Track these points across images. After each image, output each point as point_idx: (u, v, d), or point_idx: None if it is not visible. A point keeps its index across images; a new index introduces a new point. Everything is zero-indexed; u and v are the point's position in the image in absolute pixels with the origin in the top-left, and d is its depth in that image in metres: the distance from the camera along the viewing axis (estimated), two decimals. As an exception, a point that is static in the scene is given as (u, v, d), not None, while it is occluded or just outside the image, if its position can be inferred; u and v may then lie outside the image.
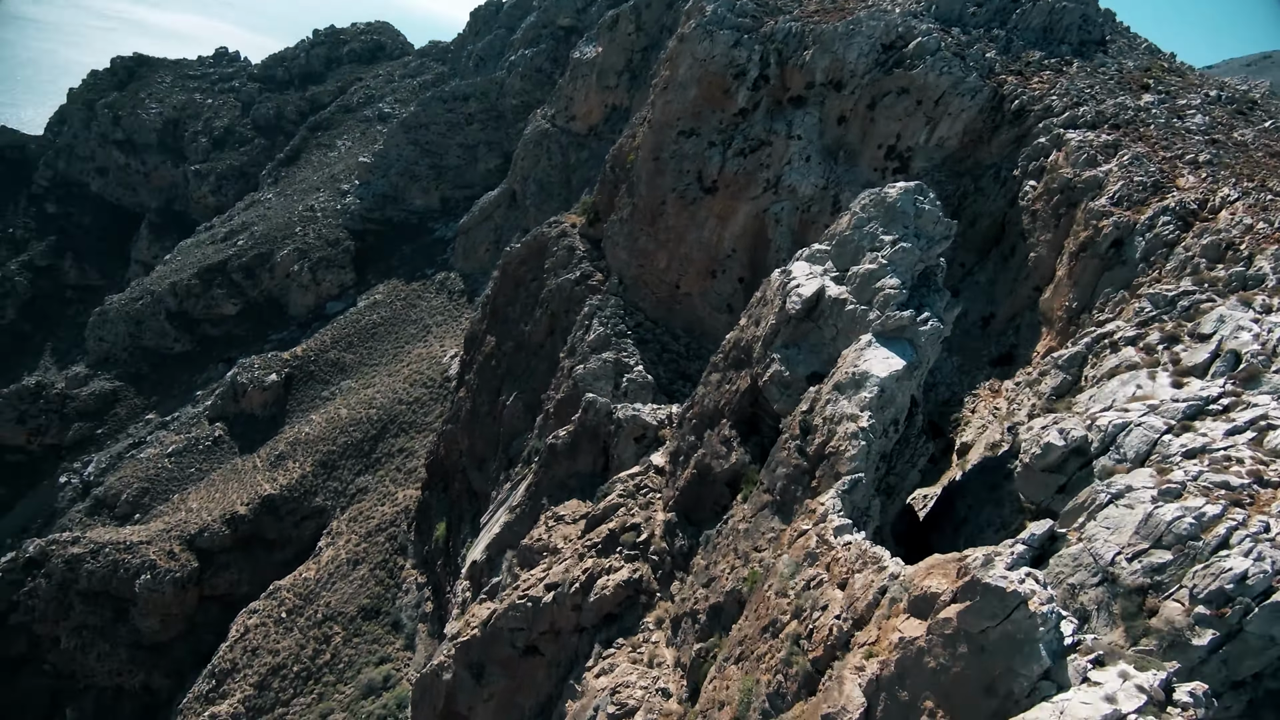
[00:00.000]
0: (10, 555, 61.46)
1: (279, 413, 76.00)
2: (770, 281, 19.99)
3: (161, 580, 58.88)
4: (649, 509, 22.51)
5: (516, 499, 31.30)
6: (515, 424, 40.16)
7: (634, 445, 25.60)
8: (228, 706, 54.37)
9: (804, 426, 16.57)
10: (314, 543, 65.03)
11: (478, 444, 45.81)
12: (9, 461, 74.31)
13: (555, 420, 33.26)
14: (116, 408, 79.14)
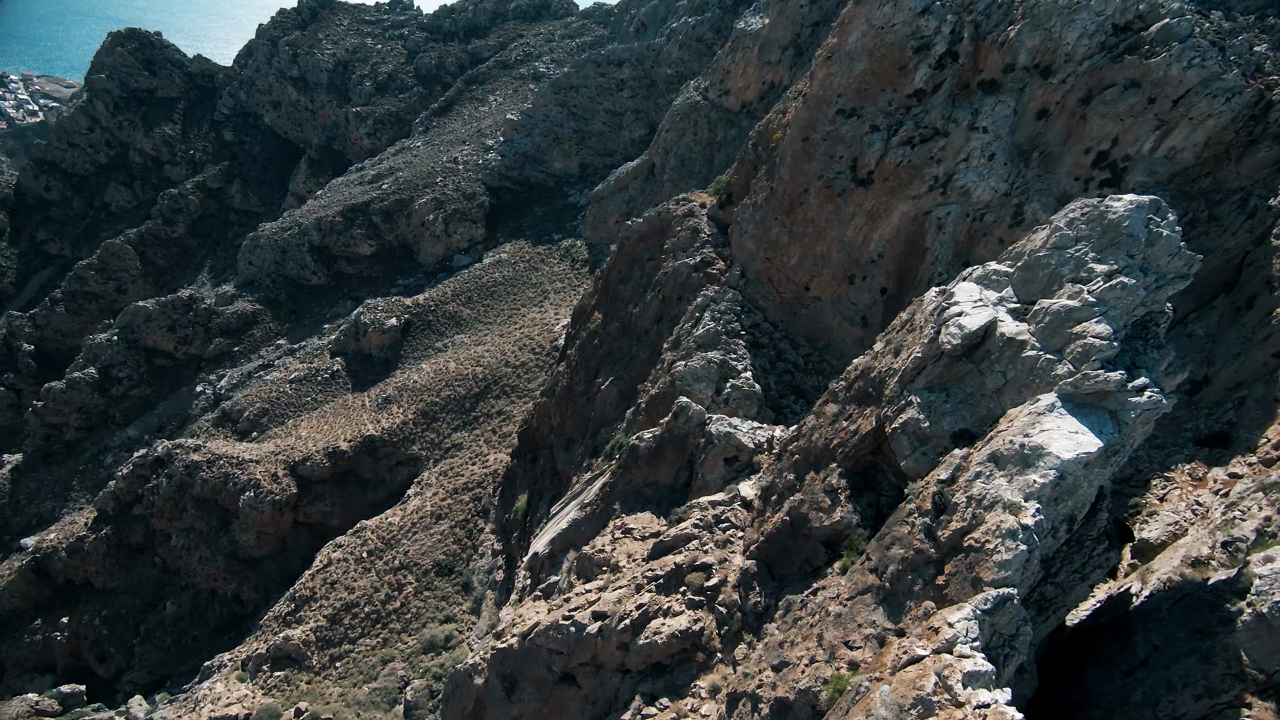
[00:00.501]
0: (143, 451, 67.70)
1: (393, 356, 78.84)
2: (922, 302, 16.01)
3: (263, 500, 62.60)
4: (726, 548, 19.32)
5: (590, 496, 28.99)
6: (606, 411, 37.94)
7: (723, 467, 22.38)
8: (300, 632, 57.13)
9: (939, 501, 12.76)
10: (404, 489, 66.99)
11: (568, 423, 44.18)
12: (157, 365, 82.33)
13: (645, 417, 30.57)
14: (254, 329, 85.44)
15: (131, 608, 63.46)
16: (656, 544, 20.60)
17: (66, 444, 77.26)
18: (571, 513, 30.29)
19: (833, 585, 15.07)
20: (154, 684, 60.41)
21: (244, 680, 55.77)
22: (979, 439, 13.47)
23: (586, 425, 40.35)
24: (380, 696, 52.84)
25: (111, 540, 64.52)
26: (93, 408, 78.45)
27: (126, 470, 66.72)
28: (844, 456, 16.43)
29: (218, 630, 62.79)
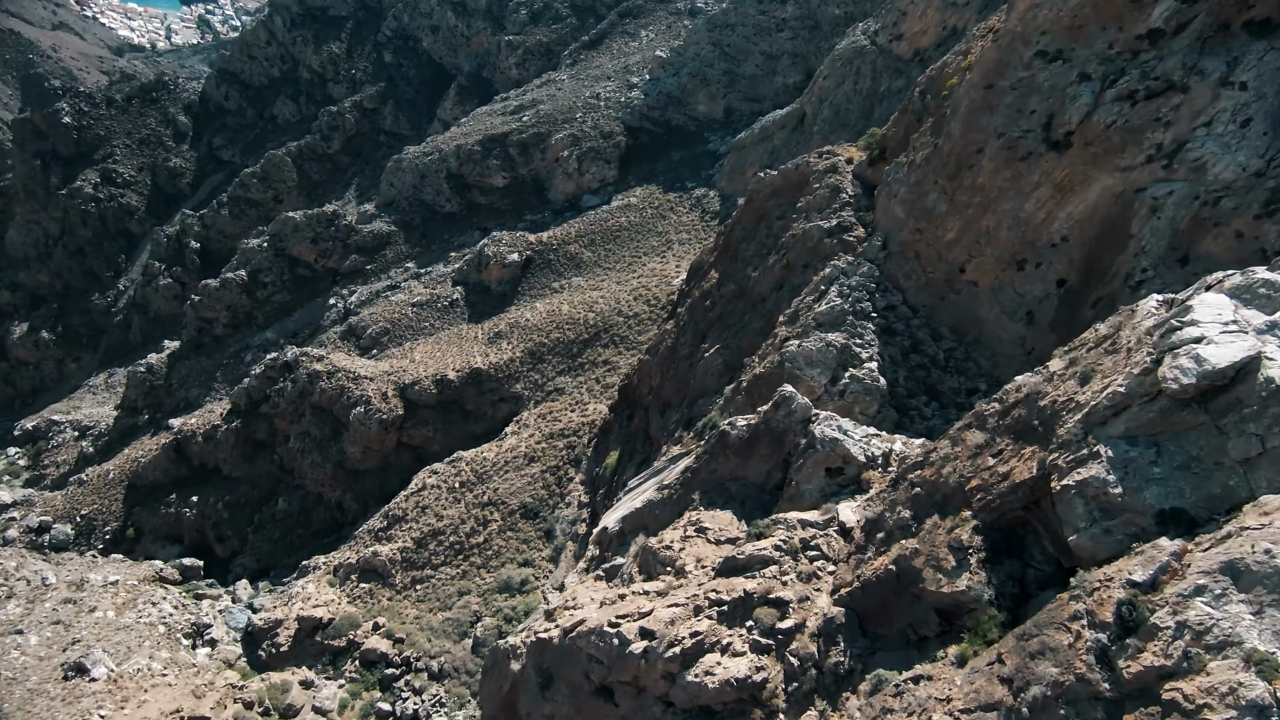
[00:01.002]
0: (274, 355, 72.20)
1: (510, 292, 79.03)
2: (1134, 313, 11.48)
3: (371, 416, 65.03)
4: (810, 583, 15.85)
5: (670, 477, 26.09)
6: (707, 381, 34.65)
7: (823, 478, 18.67)
8: (389, 550, 59.44)
9: (1126, 614, 8.70)
10: (503, 426, 67.51)
11: (667, 387, 41.36)
12: (299, 274, 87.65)
13: (744, 398, 27.05)
14: (387, 249, 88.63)
15: (250, 498, 68.71)
16: (728, 559, 17.41)
17: (215, 338, 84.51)
18: (649, 491, 27.58)
19: (943, 678, 11.32)
20: (260, 571, 65.38)
21: (333, 585, 59.05)
22: (1203, 529, 9.14)
23: (685, 392, 37.33)
24: (451, 627, 54.14)
25: (240, 433, 69.71)
26: (240, 307, 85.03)
27: (259, 370, 71.52)
28: (983, 505, 12.37)
29: (319, 533, 66.72)
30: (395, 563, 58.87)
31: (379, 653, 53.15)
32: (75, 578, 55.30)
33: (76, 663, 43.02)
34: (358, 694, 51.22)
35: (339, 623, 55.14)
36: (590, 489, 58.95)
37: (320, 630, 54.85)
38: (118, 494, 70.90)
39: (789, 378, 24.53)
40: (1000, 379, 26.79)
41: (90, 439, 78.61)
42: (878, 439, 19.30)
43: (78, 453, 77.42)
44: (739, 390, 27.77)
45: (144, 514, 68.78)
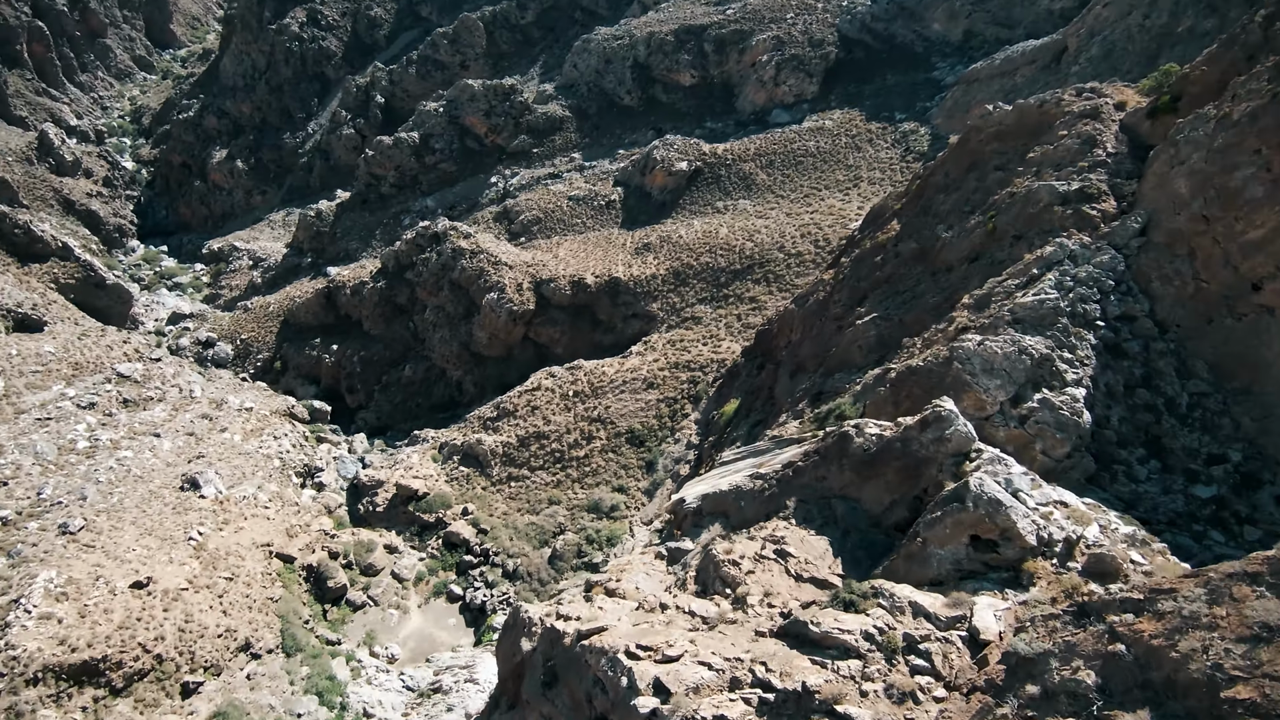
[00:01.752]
0: (426, 223, 73.26)
1: (670, 202, 74.45)
2: None
3: (502, 305, 64.53)
4: (901, 706, 11.03)
5: (770, 466, 21.50)
6: (852, 354, 28.92)
7: (965, 546, 13.35)
8: (492, 440, 59.83)
9: None
10: (630, 343, 64.80)
11: (806, 346, 35.83)
12: (468, 146, 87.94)
13: (889, 392, 21.47)
14: (556, 135, 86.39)
15: (382, 358, 71.79)
16: (796, 624, 12.88)
17: (381, 196, 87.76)
18: (742, 473, 23.14)
19: None
20: (379, 429, 68.76)
21: (436, 461, 60.74)
22: None
23: (823, 359, 31.77)
24: (534, 532, 53.92)
25: (383, 294, 72.25)
26: (407, 169, 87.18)
27: (410, 236, 73.07)
28: None
29: (436, 406, 68.68)
30: (496, 455, 59.25)
31: (462, 538, 54.19)
32: (217, 396, 60.56)
33: (192, 477, 46.80)
34: (435, 570, 52.82)
35: (432, 499, 56.70)
36: (702, 432, 55.32)
37: (414, 501, 56.76)
38: (273, 327, 76.70)
39: (954, 383, 18.63)
40: (1269, 451, 19.29)
41: (261, 270, 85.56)
42: (1062, 512, 13.47)
43: (249, 281, 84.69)
44: (884, 380, 22.10)
45: (291, 350, 74.01)
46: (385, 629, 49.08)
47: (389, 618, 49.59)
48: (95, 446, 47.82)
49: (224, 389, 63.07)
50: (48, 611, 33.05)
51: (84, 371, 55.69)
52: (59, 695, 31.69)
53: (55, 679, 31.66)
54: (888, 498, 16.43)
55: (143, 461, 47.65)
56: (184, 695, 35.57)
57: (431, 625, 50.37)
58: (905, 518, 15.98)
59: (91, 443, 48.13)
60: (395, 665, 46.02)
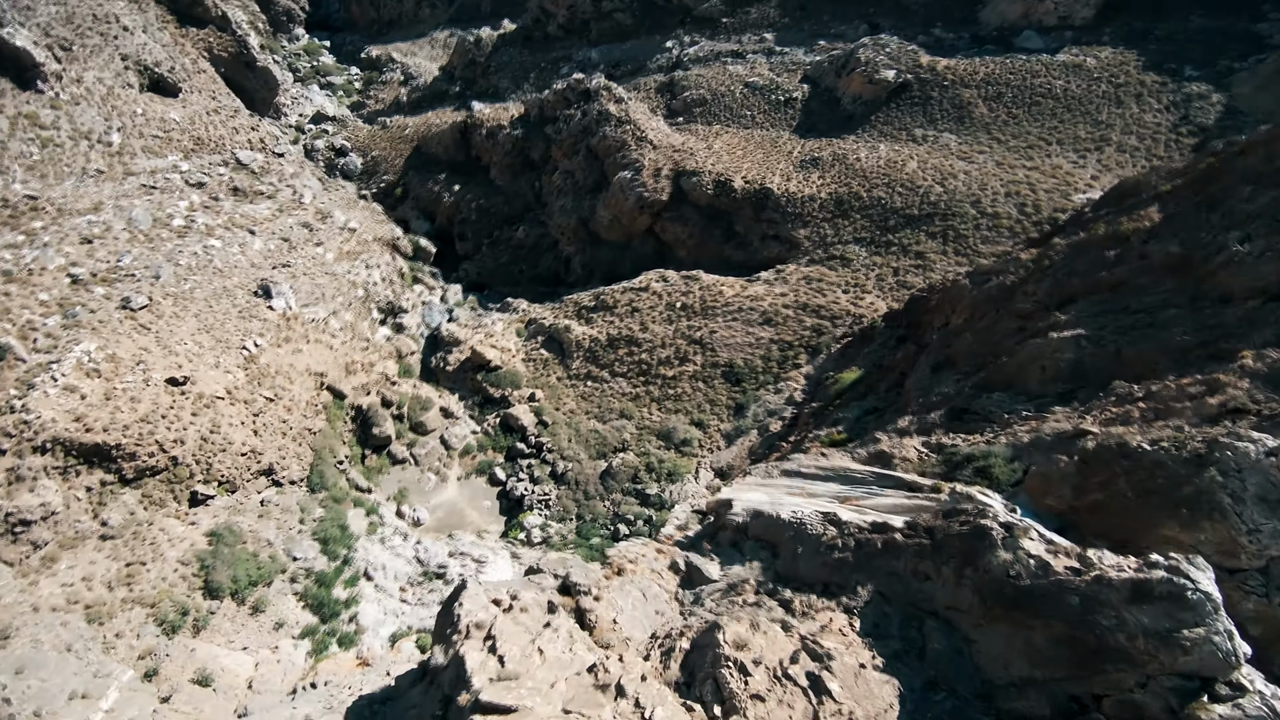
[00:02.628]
0: (580, 76, 66.92)
1: (860, 115, 63.90)
2: None
3: (632, 187, 58.40)
4: None
5: (856, 510, 15.23)
6: (1029, 374, 21.18)
7: None
8: (581, 331, 55.58)
9: None
10: (761, 268, 57.38)
11: (966, 338, 27.81)
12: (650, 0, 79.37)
13: (1075, 469, 14.24)
14: (753, 6, 75.92)
15: (500, 212, 68.30)
16: None
17: (546, 36, 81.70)
18: (816, 501, 17.01)
19: None
20: (476, 285, 66.28)
21: (519, 336, 57.51)
22: None
23: (983, 363, 24.09)
24: (595, 441, 50.12)
25: (518, 143, 67.79)
26: (580, 11, 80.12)
27: (560, 86, 67.29)
28: None
29: (538, 278, 65.02)
30: (581, 348, 55.11)
31: (520, 423, 51.29)
32: (326, 209, 59.34)
33: (266, 285, 45.62)
34: (484, 448, 50.64)
35: (503, 374, 53.86)
36: (809, 391, 48.25)
37: (485, 371, 54.17)
38: (405, 150, 74.68)
39: (1198, 500, 11.25)
40: None
41: (409, 88, 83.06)
42: None
43: (395, 97, 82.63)
44: (1072, 444, 14.75)
45: (415, 180, 71.95)
46: (419, 491, 47.65)
47: (426, 481, 48.06)
48: (189, 228, 47.42)
49: (336, 203, 61.83)
50: (74, 385, 32.47)
51: (204, 148, 55.44)
52: (65, 470, 31.40)
53: (65, 453, 31.26)
54: (1027, 668, 9.83)
55: (228, 256, 46.90)
56: (191, 504, 34.99)
57: (465, 501, 48.54)
58: (1045, 717, 9.41)
59: (187, 222, 47.76)
60: (416, 532, 44.53)
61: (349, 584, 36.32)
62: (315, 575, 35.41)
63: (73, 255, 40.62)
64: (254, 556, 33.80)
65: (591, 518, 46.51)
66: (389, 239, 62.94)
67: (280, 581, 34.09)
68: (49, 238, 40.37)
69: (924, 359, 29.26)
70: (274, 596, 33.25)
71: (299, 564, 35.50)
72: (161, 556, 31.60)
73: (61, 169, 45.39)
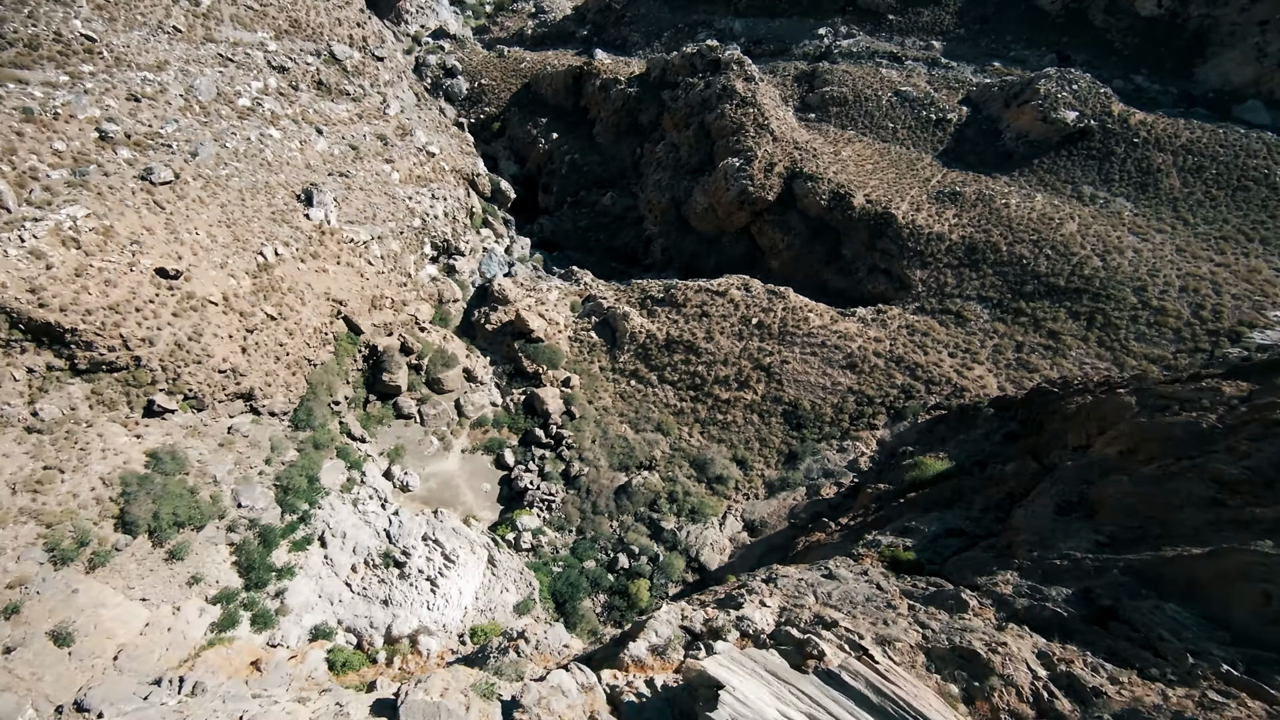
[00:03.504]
0: (716, 44, 59.81)
1: (1022, 156, 54.56)
2: None
3: (737, 177, 51.38)
4: None
5: None
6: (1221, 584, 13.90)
7: None
8: (640, 323, 49.22)
9: None
10: (861, 303, 49.53)
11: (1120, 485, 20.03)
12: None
13: None
14: (927, 7, 66.61)
15: (593, 172, 62.49)
16: None
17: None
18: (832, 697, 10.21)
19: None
20: (548, 244, 60.82)
21: (573, 311, 51.61)
22: None
23: (1139, 531, 16.60)
24: (622, 449, 43.99)
25: (630, 102, 61.66)
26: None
27: (690, 50, 60.40)
28: None
29: (613, 252, 59.05)
30: (634, 341, 48.87)
31: (545, 408, 45.66)
32: (409, 125, 54.76)
33: (310, 191, 41.20)
34: (500, 424, 45.31)
35: (542, 349, 48.24)
36: (878, 462, 40.61)
37: (524, 340, 48.68)
38: (514, 85, 69.59)
39: None
40: None
41: (537, 21, 77.85)
42: None
43: (520, 28, 77.56)
44: None
45: (516, 118, 66.86)
46: (417, 454, 42.78)
47: (428, 445, 43.11)
48: (253, 110, 43.41)
49: (424, 122, 57.18)
50: (43, 251, 28.44)
51: (299, 32, 51.48)
52: (9, 343, 27.44)
53: (9, 325, 27.26)
54: None
55: (284, 150, 42.68)
56: (146, 414, 30.77)
57: (464, 478, 43.42)
58: None
59: (253, 105, 43.78)
60: (400, 499, 39.71)
61: (296, 548, 31.51)
62: (260, 530, 30.73)
63: (112, 109, 36.92)
64: (191, 493, 29.28)
65: (594, 535, 40.58)
66: (469, 172, 57.99)
67: (214, 528, 29.52)
68: (92, 84, 36.73)
69: (1047, 487, 21.64)
70: (200, 545, 28.68)
71: (243, 512, 30.89)
72: (85, 468, 27.37)
73: (134, 16, 41.90)
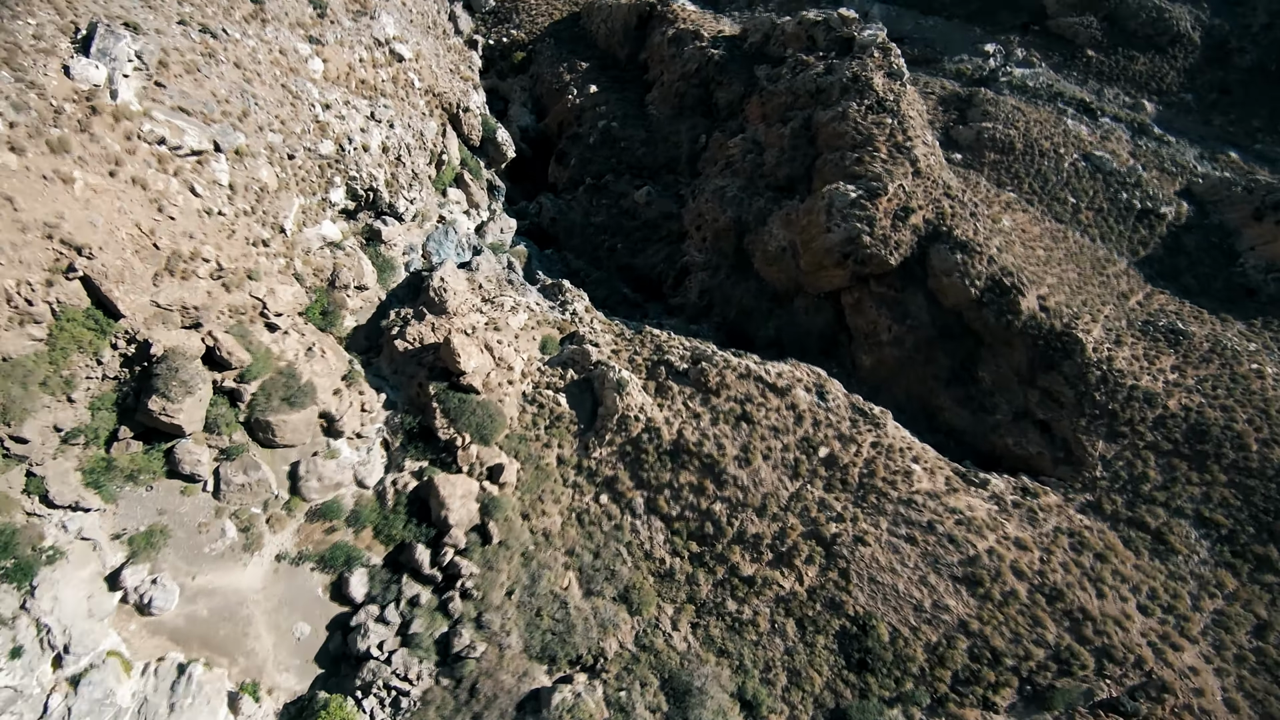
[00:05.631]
0: (852, 15, 40.88)
1: (1269, 293, 35.94)
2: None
3: (846, 216, 32.50)
4: None
5: None
6: None
7: None
8: (640, 402, 30.12)
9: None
10: (1001, 463, 30.87)
11: None
12: None
13: None
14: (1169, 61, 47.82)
15: (631, 151, 43.91)
16: None
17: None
18: None
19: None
20: (540, 234, 41.69)
21: (541, 351, 32.43)
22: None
23: None
24: (553, 621, 25.08)
25: (706, 69, 43.37)
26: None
27: (811, 15, 41.61)
28: None
29: (631, 272, 40.41)
30: (624, 430, 30.03)
31: (446, 515, 26.68)
32: (399, 32, 35.58)
33: (94, 29, 21.81)
34: (360, 524, 26.24)
35: (471, 407, 29.14)
36: None
37: (448, 384, 29.43)
38: (559, 9, 51.11)
39: None
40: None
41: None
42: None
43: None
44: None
45: (548, 53, 48.21)
46: (189, 549, 23.83)
47: (214, 535, 24.12)
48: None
49: (406, 10, 38.09)
50: None
51: None
52: None
53: None
54: None
55: None
56: None
57: (265, 608, 24.52)
58: None
59: None
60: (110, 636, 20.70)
61: None
62: None
63: None
64: None
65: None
66: (453, 103, 38.85)
67: None
68: None
69: None
70: None
71: None
72: None
73: None
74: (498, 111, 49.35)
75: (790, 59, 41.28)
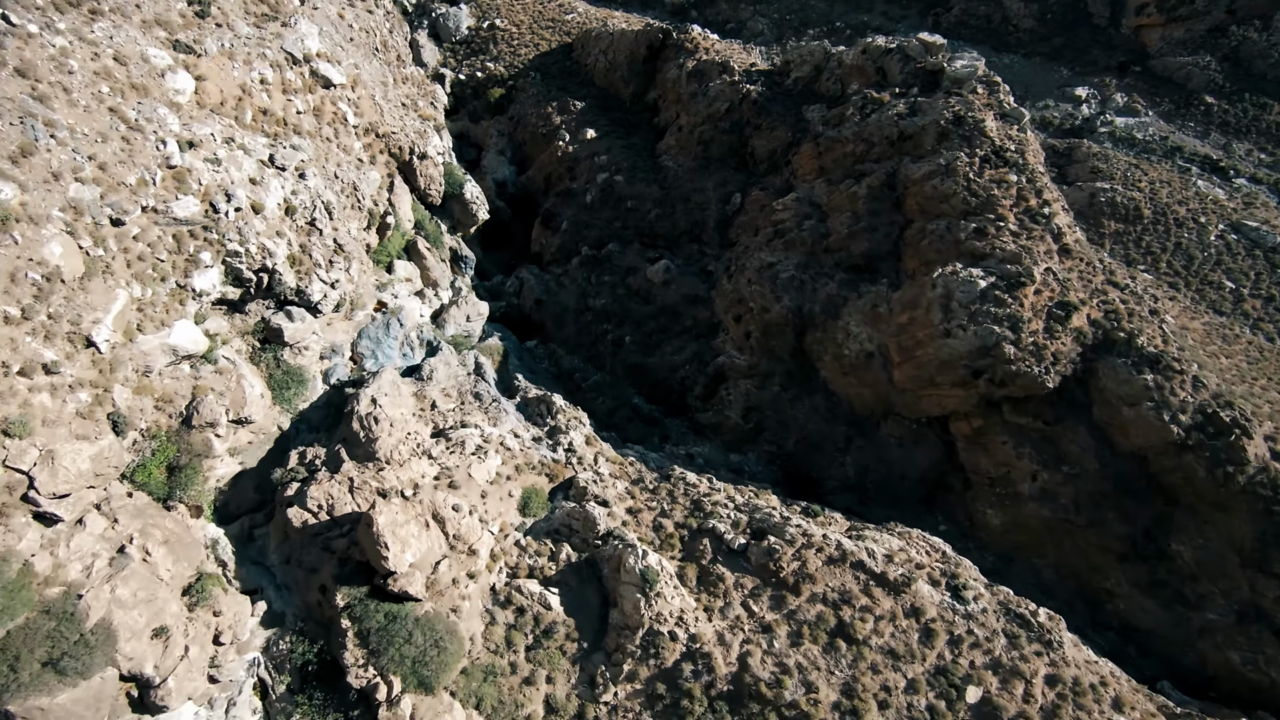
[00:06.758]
0: (940, 42, 31.47)
1: None
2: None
3: (977, 315, 22.20)
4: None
5: None
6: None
7: None
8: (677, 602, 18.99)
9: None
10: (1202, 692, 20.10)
11: None
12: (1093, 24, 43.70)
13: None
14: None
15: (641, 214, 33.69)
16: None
17: None
18: None
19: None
20: (520, 321, 30.85)
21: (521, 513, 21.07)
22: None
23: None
24: None
25: (738, 109, 33.46)
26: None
27: (876, 44, 32.38)
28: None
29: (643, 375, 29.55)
30: (653, 646, 18.77)
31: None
32: (291, 11, 25.28)
33: None
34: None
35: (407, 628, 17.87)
36: None
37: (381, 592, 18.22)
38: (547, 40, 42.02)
39: None
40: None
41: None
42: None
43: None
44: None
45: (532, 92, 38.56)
46: None
47: None
48: None
49: (359, 54, 28.19)
50: None
51: None
52: None
53: None
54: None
55: None
56: None
57: None
58: None
59: None
60: None
61: None
62: None
63: None
64: None
65: None
66: (403, 148, 28.51)
67: None
68: None
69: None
70: None
71: None
72: None
73: None
74: (469, 161, 39.28)
75: (854, 97, 31.58)
